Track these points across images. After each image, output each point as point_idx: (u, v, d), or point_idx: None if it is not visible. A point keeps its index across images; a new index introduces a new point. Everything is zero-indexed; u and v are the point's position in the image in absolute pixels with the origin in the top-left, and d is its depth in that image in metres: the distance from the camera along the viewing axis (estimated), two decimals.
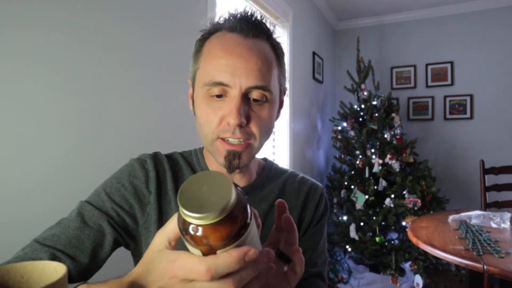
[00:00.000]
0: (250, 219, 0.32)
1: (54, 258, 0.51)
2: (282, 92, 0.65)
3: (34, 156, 0.97)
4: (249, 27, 0.57)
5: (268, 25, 0.60)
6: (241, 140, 0.56)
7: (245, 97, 0.55)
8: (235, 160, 0.57)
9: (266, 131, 0.59)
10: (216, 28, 0.60)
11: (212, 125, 0.56)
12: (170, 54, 1.48)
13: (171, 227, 0.35)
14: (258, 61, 0.55)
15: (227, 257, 0.30)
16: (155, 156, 0.66)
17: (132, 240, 0.62)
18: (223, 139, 0.57)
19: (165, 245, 0.35)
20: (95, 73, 1.15)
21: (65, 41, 1.04)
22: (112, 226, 0.57)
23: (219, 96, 0.56)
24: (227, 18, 0.59)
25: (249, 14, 0.58)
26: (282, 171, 0.74)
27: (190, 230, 0.30)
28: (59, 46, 1.03)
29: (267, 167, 0.72)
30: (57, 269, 0.32)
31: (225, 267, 0.30)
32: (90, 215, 0.57)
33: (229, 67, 0.54)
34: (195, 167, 0.68)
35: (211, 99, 0.56)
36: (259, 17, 0.59)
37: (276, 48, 0.61)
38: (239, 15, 0.58)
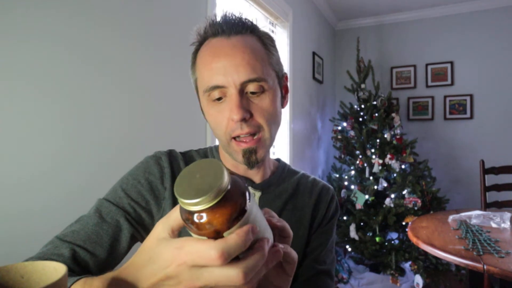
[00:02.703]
0: (250, 200, 0.33)
1: (74, 253, 0.53)
2: (282, 78, 0.66)
3: (34, 154, 0.97)
4: (229, 27, 0.59)
5: (249, 19, 0.62)
6: (250, 133, 0.58)
7: (242, 92, 0.57)
8: (253, 156, 0.60)
9: (272, 119, 0.61)
10: (203, 38, 0.62)
11: (222, 127, 0.59)
12: (171, 54, 1.48)
13: (175, 216, 0.35)
14: (244, 55, 0.57)
15: (235, 237, 0.30)
16: (170, 153, 0.68)
17: None
18: (235, 138, 0.59)
19: (168, 233, 0.35)
20: (97, 71, 1.15)
21: (66, 37, 1.04)
22: (129, 222, 0.59)
23: (219, 98, 0.58)
24: (209, 25, 0.61)
25: (227, 14, 0.61)
26: (294, 171, 0.76)
27: (192, 218, 0.31)
28: (60, 42, 1.03)
29: (281, 167, 0.74)
30: (57, 269, 0.32)
31: (235, 247, 0.30)
32: (107, 211, 0.58)
33: (220, 69, 0.56)
34: None
35: (214, 103, 0.59)
36: (238, 14, 0.61)
37: (263, 38, 0.62)
38: (219, 19, 0.61)
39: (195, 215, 0.31)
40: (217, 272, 0.31)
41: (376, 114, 2.97)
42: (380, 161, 2.78)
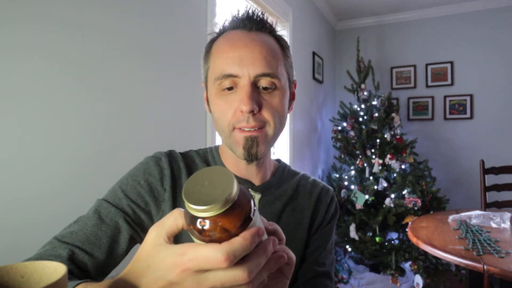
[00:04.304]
0: (254, 208, 0.34)
1: (72, 254, 0.52)
2: (292, 83, 0.67)
3: (34, 154, 0.97)
4: (251, 23, 0.60)
5: (270, 21, 0.64)
6: (255, 127, 0.58)
7: (254, 85, 0.57)
8: (253, 148, 0.59)
9: (279, 118, 0.61)
10: (222, 30, 0.63)
11: (227, 117, 0.58)
12: (171, 53, 1.48)
13: (170, 222, 0.35)
14: (262, 50, 0.58)
15: (241, 240, 0.30)
16: (170, 154, 0.67)
17: None
18: (239, 129, 0.59)
19: (164, 239, 0.35)
20: (97, 71, 1.15)
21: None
22: (128, 223, 0.58)
23: (230, 88, 0.58)
24: (230, 19, 0.62)
25: (250, 12, 0.62)
26: (294, 172, 0.76)
27: (198, 224, 0.31)
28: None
29: (281, 168, 0.74)
30: (57, 270, 0.32)
31: (241, 250, 0.30)
32: (106, 212, 0.58)
33: (236, 59, 0.57)
34: (211, 164, 0.69)
35: (224, 92, 0.59)
36: (260, 14, 0.62)
37: (280, 40, 0.64)
38: (241, 14, 0.62)
39: (202, 221, 0.31)
40: (222, 274, 0.31)
41: (376, 114, 2.97)
42: (380, 161, 2.78)
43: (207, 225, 0.31)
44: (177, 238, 0.61)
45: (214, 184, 0.31)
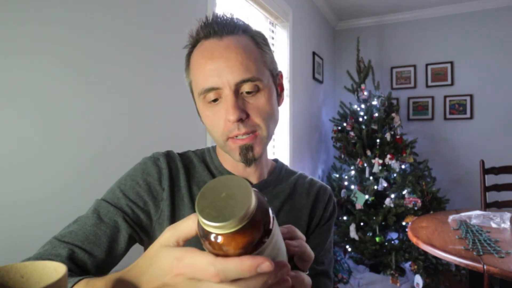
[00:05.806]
0: (273, 224, 0.31)
1: (72, 253, 0.53)
2: (276, 76, 0.66)
3: (33, 153, 0.97)
4: (221, 27, 0.59)
5: (241, 19, 0.63)
6: (247, 133, 0.58)
7: (237, 93, 0.58)
8: (249, 153, 0.60)
9: (269, 118, 0.61)
10: (196, 40, 0.63)
11: (219, 128, 0.59)
12: (171, 54, 1.48)
13: (184, 226, 0.34)
14: (237, 56, 0.57)
15: (238, 263, 0.29)
16: (168, 154, 0.68)
17: (146, 236, 0.63)
18: (232, 138, 0.59)
19: (173, 242, 0.34)
20: (96, 72, 1.15)
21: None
22: (127, 222, 0.59)
23: (215, 100, 0.58)
24: (201, 27, 0.61)
25: (219, 15, 0.61)
26: (292, 172, 0.76)
27: (210, 238, 0.30)
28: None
29: (278, 167, 0.75)
30: (57, 270, 0.32)
31: (234, 273, 0.29)
32: (105, 211, 0.58)
33: (214, 71, 0.57)
34: (209, 164, 0.70)
35: (210, 104, 0.59)
36: (229, 15, 0.61)
37: (255, 37, 0.62)
38: (209, 20, 0.61)
39: (212, 236, 0.29)
40: (215, 287, 0.30)
41: (376, 114, 2.97)
42: (380, 161, 2.78)
43: (218, 239, 0.29)
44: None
45: (231, 197, 0.29)
